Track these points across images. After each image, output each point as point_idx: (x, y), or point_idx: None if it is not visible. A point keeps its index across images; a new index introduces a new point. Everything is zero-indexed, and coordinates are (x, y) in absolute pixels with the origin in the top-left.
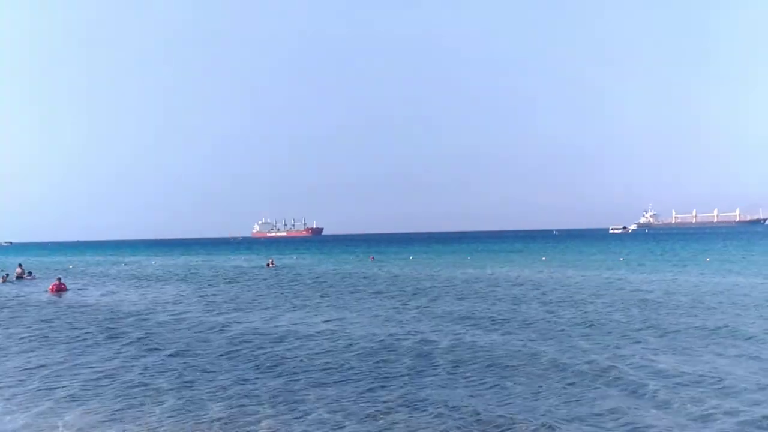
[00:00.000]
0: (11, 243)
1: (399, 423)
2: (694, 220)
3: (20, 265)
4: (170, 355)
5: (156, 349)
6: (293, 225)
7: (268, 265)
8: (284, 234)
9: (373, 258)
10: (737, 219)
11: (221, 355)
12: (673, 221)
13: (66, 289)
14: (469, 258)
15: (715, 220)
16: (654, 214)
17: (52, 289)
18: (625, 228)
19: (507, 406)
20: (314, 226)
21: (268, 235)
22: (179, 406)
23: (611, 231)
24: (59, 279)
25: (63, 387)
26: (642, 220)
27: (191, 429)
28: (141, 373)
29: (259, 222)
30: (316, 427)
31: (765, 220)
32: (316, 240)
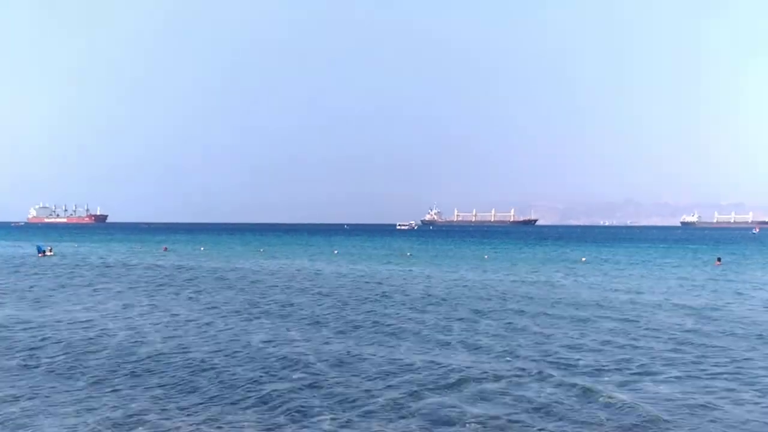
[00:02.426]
0: None
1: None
2: (473, 219)
3: None
4: None
5: None
6: (75, 211)
7: (44, 253)
8: (64, 220)
9: (166, 248)
10: (512, 219)
11: None
12: (455, 219)
13: None
14: (261, 250)
15: (493, 219)
16: (438, 212)
17: None
18: (411, 224)
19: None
20: (98, 213)
21: (46, 220)
22: None
23: (398, 227)
24: None
25: None
26: (427, 217)
27: None
28: None
29: (36, 206)
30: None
31: (536, 221)
32: (100, 227)
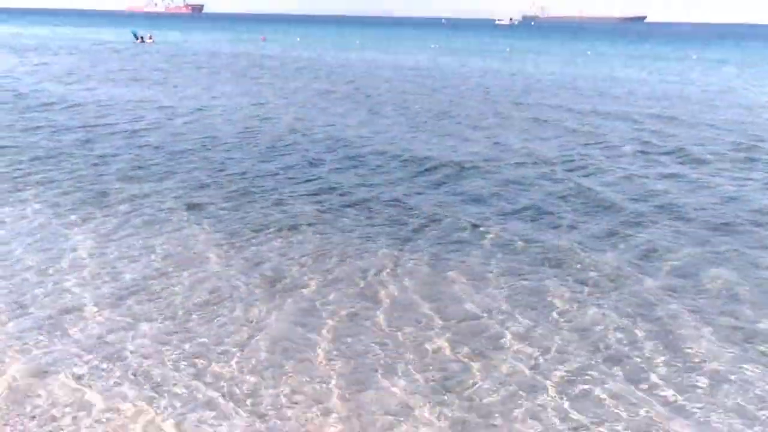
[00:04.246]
0: None
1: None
2: (579, 15)
3: None
4: None
5: None
6: (172, 0)
7: (141, 40)
8: (162, 9)
9: (264, 38)
10: (618, 15)
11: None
12: (559, 15)
13: None
14: (358, 42)
15: (599, 15)
16: (541, 7)
17: None
18: (511, 20)
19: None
20: (195, 3)
21: (145, 9)
22: None
23: (497, 23)
24: None
25: None
26: (529, 12)
27: None
28: None
29: None
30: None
31: (645, 17)
32: (198, 18)
